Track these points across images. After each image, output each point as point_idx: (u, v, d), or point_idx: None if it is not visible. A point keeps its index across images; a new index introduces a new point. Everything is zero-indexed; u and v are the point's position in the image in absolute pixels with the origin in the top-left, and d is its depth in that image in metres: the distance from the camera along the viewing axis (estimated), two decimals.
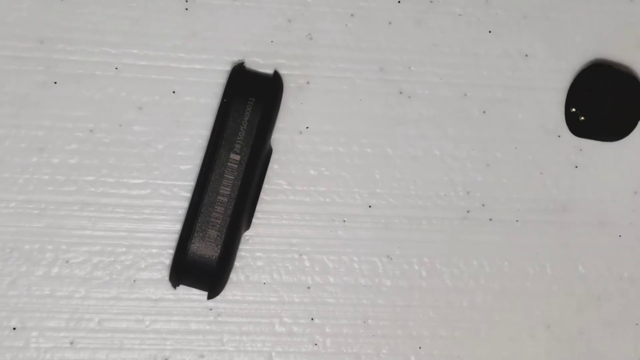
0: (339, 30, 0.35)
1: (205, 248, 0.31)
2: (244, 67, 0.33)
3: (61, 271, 0.34)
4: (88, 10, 0.34)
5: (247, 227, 0.34)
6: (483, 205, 0.36)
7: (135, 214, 0.34)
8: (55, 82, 0.34)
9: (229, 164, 0.31)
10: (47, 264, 0.34)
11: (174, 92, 0.34)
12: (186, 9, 0.35)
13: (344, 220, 0.35)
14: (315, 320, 0.35)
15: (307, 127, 0.35)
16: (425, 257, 0.35)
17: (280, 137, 0.35)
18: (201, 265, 0.31)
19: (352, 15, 0.35)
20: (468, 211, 0.36)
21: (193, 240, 0.31)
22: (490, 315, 0.36)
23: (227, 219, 0.31)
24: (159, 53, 0.34)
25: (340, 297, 0.35)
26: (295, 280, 0.35)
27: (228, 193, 0.31)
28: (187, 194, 0.34)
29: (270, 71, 0.35)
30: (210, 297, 0.33)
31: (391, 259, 0.35)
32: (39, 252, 0.33)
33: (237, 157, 0.31)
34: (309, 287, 0.35)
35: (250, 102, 0.32)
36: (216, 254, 0.31)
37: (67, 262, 0.34)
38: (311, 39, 0.35)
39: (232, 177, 0.31)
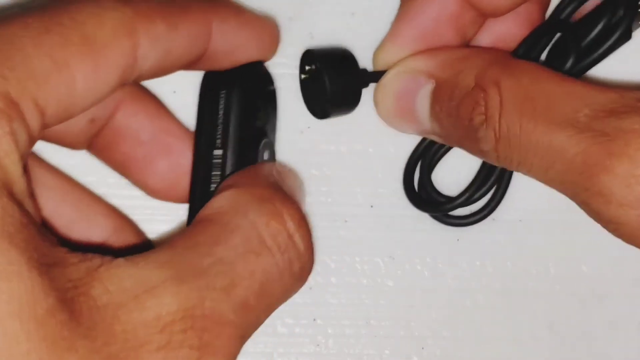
0: (340, 29, 0.35)
1: None
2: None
3: None
4: None
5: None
6: None
7: (136, 214, 0.34)
8: None
9: (214, 160, 0.30)
10: None
11: (174, 92, 0.34)
12: None
13: (346, 221, 0.35)
14: (318, 321, 0.35)
15: (308, 127, 0.35)
16: (428, 257, 0.35)
17: (282, 136, 0.35)
18: None
19: (353, 13, 0.35)
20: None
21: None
22: (493, 316, 0.36)
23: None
24: None
25: (342, 298, 0.35)
26: None
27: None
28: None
29: (271, 70, 0.34)
30: None
31: (393, 259, 0.35)
32: None
33: (220, 152, 0.30)
34: (310, 288, 0.35)
35: (222, 96, 0.31)
36: None
37: None
38: (312, 37, 0.35)
39: (219, 173, 0.30)
